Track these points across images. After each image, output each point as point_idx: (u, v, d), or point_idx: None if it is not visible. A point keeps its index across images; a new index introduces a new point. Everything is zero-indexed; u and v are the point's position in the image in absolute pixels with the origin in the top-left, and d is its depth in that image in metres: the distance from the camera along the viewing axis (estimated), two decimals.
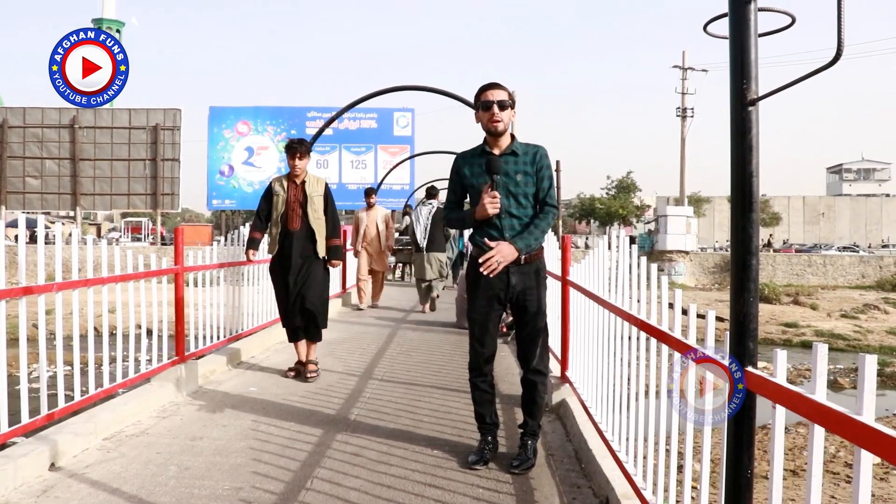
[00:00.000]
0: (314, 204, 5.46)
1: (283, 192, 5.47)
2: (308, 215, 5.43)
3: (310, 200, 5.40)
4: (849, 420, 1.44)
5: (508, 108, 3.48)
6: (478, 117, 3.55)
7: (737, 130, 1.84)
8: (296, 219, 5.43)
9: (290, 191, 5.46)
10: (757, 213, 1.86)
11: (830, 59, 1.64)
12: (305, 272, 5.45)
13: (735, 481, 1.88)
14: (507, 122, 3.49)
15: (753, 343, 1.88)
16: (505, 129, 3.49)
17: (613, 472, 3.17)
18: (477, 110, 3.54)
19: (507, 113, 3.47)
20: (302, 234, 5.41)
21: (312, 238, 5.43)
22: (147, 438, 3.83)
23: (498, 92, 3.47)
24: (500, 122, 3.45)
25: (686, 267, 35.85)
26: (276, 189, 5.48)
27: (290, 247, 5.41)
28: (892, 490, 6.52)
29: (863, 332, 19.55)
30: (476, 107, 3.54)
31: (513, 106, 3.53)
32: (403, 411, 4.52)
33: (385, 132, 39.67)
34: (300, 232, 5.42)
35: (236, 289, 6.41)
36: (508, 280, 3.48)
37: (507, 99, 3.48)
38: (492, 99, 3.45)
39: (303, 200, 5.41)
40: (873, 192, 72.56)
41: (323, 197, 5.54)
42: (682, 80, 39.92)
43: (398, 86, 9.80)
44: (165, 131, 31.88)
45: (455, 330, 8.51)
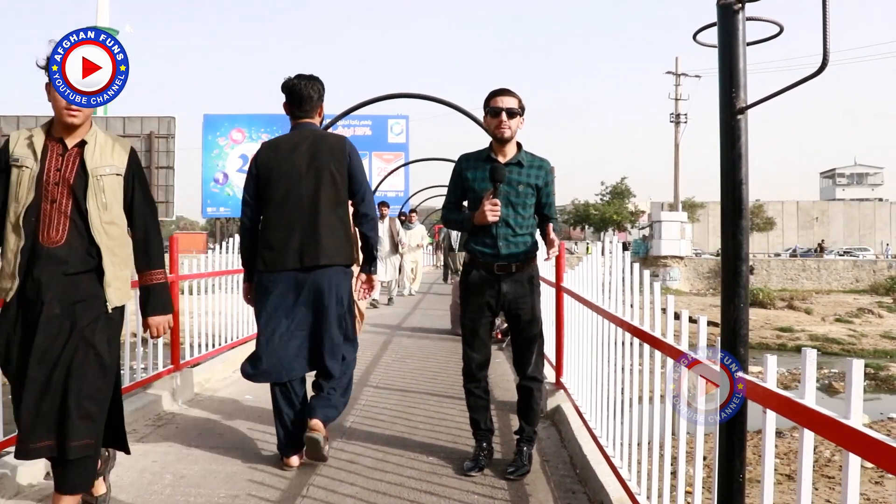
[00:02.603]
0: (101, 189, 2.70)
1: (35, 161, 2.66)
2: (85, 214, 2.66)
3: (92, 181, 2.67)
4: (837, 424, 1.46)
5: (517, 116, 3.45)
6: (485, 122, 3.56)
7: (726, 139, 1.87)
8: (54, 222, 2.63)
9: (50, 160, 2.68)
10: (747, 221, 1.89)
11: (817, 67, 1.67)
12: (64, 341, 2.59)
13: (727, 485, 1.90)
14: (515, 130, 3.47)
15: (745, 348, 1.90)
16: (512, 136, 3.47)
17: (608, 477, 3.19)
18: (485, 115, 3.53)
19: (516, 121, 3.45)
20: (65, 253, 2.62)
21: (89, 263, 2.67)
22: (142, 447, 3.82)
23: (508, 99, 3.44)
24: (508, 129, 3.44)
25: (680, 272, 35.96)
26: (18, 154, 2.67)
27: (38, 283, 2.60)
28: (887, 493, 6.54)
29: (857, 337, 19.62)
30: (484, 111, 3.53)
31: (522, 113, 3.50)
32: (399, 418, 4.52)
33: (380, 139, 39.71)
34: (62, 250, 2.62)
35: (231, 297, 6.41)
36: (499, 288, 3.49)
37: (517, 107, 3.45)
38: (501, 106, 3.42)
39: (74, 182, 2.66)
40: (866, 196, 72.91)
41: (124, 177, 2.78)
42: (676, 86, 40.14)
43: (392, 93, 9.83)
44: (160, 139, 31.91)
45: (450, 337, 8.51)
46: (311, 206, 3.46)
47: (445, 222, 3.77)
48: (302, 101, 3.62)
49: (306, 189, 3.47)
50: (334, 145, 3.57)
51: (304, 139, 3.56)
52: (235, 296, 6.46)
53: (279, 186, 3.49)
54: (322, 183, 3.49)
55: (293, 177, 3.48)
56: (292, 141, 3.58)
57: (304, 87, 3.61)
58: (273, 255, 3.47)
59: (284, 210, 3.47)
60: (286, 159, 3.51)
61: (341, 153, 3.56)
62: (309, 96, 3.61)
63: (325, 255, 3.45)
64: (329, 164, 3.51)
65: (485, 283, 3.50)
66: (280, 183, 3.49)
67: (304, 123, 3.65)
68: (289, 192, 3.48)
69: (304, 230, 3.45)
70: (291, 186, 3.48)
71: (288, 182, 3.48)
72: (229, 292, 6.37)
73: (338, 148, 3.57)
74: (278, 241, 3.46)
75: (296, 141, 3.57)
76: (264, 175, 3.53)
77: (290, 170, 3.49)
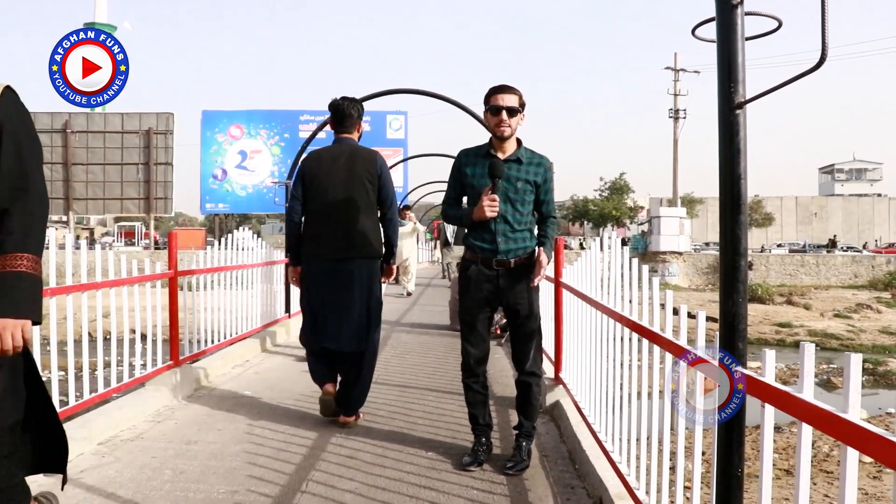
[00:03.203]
0: None
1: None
2: None
3: None
4: (835, 418, 1.46)
5: (518, 114, 3.44)
6: (485, 119, 3.55)
7: (725, 133, 1.87)
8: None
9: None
10: (745, 216, 1.89)
11: (815, 62, 1.67)
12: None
13: (726, 480, 1.90)
14: (515, 128, 3.46)
15: (743, 343, 1.90)
16: (512, 134, 3.47)
17: (607, 472, 3.19)
18: (485, 112, 3.52)
19: (516, 119, 3.44)
20: None
21: None
22: (142, 443, 3.83)
23: (508, 97, 3.43)
24: (508, 128, 3.43)
25: (679, 268, 35.97)
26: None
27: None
28: (885, 488, 6.55)
29: (856, 332, 19.64)
30: (485, 108, 3.52)
31: (523, 110, 3.49)
32: (398, 413, 4.53)
33: (378, 135, 39.66)
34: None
35: (231, 293, 6.41)
36: (497, 283, 3.50)
37: (517, 104, 3.44)
38: (501, 104, 3.41)
39: None
40: (865, 191, 72.91)
41: None
42: (675, 82, 40.09)
43: (391, 89, 9.80)
44: (158, 135, 31.79)
45: (449, 332, 8.52)
46: (346, 208, 4.14)
47: (445, 217, 3.78)
48: (343, 119, 4.31)
49: (343, 194, 4.15)
50: (368, 159, 4.24)
51: (343, 152, 4.24)
52: (235, 292, 6.47)
53: (321, 190, 4.17)
54: (355, 190, 4.17)
55: (333, 183, 4.17)
56: (333, 153, 4.26)
57: (346, 106, 4.31)
58: (314, 245, 4.20)
59: (325, 209, 4.16)
60: (328, 168, 4.20)
61: (373, 166, 4.23)
62: (350, 115, 4.31)
63: (354, 248, 4.15)
64: (362, 175, 4.18)
65: (483, 279, 3.50)
66: (322, 187, 4.17)
67: (344, 138, 4.34)
68: (328, 196, 4.16)
69: (339, 227, 4.14)
70: (331, 191, 4.16)
71: (328, 187, 4.16)
72: (228, 288, 6.37)
73: (371, 161, 4.23)
74: (319, 234, 4.18)
75: (336, 153, 4.25)
76: (309, 180, 4.22)
77: (331, 177, 4.17)
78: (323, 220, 4.17)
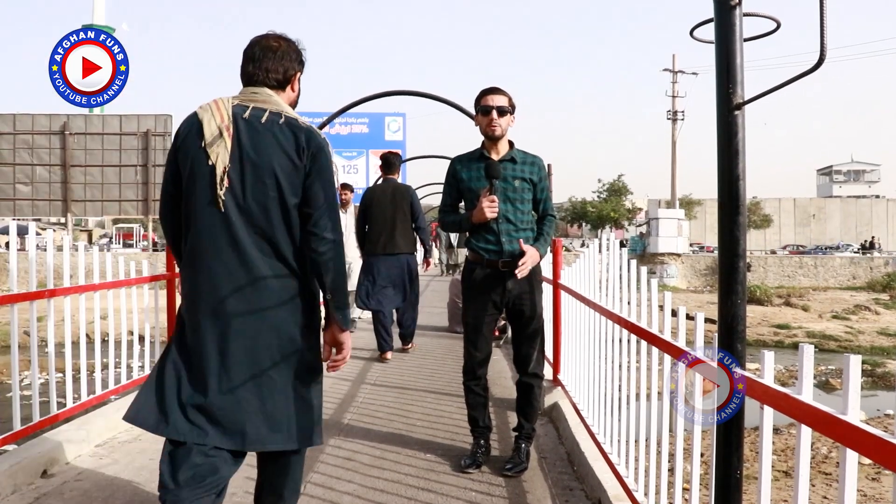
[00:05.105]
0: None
1: None
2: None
3: None
4: (834, 420, 1.46)
5: (508, 114, 3.48)
6: (477, 121, 3.57)
7: (723, 134, 1.87)
8: None
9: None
10: (744, 217, 1.89)
11: (814, 63, 1.67)
12: None
13: (725, 482, 1.89)
14: (506, 128, 3.50)
15: (742, 345, 1.90)
16: (503, 134, 3.50)
17: (605, 474, 3.19)
18: (476, 114, 3.55)
19: (506, 119, 3.48)
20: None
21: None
22: (140, 445, 3.82)
23: (498, 97, 3.47)
24: (498, 127, 3.46)
25: (678, 269, 35.97)
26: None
27: None
28: (884, 490, 6.55)
29: (854, 333, 19.64)
30: (475, 110, 3.55)
31: (513, 111, 3.52)
32: (396, 415, 4.52)
33: (376, 137, 39.55)
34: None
35: None
36: (505, 285, 3.50)
37: (507, 105, 3.47)
38: (491, 104, 3.45)
39: None
40: (863, 193, 72.97)
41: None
42: (673, 84, 40.16)
43: (389, 90, 9.81)
44: (156, 137, 31.59)
45: (447, 334, 8.51)
46: (391, 222, 6.56)
47: (443, 225, 3.77)
48: (391, 167, 6.81)
49: (389, 213, 6.56)
50: (405, 192, 6.73)
51: (389, 187, 6.72)
52: None
53: (377, 212, 6.59)
54: (398, 211, 6.57)
55: (383, 206, 6.57)
56: (383, 187, 6.76)
57: (392, 157, 6.87)
58: (372, 245, 6.63)
59: (378, 223, 6.58)
60: (380, 197, 6.65)
61: (409, 196, 6.70)
62: (395, 164, 6.84)
63: (398, 247, 6.56)
64: (402, 202, 6.60)
65: (490, 281, 3.50)
66: (377, 209, 6.59)
67: (390, 178, 6.82)
68: (381, 214, 6.58)
69: (387, 233, 6.54)
70: (382, 211, 6.57)
71: (380, 209, 6.58)
72: None
73: (407, 193, 6.72)
74: (375, 238, 6.59)
75: (385, 188, 6.73)
76: (366, 203, 6.66)
77: (382, 202, 6.59)
78: (377, 228, 6.55)
